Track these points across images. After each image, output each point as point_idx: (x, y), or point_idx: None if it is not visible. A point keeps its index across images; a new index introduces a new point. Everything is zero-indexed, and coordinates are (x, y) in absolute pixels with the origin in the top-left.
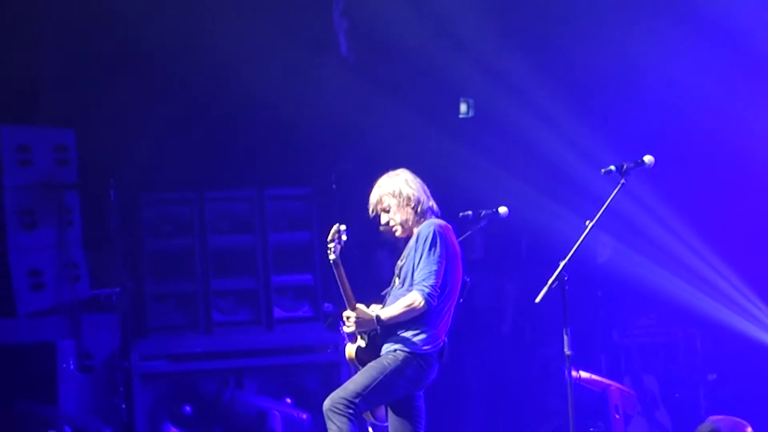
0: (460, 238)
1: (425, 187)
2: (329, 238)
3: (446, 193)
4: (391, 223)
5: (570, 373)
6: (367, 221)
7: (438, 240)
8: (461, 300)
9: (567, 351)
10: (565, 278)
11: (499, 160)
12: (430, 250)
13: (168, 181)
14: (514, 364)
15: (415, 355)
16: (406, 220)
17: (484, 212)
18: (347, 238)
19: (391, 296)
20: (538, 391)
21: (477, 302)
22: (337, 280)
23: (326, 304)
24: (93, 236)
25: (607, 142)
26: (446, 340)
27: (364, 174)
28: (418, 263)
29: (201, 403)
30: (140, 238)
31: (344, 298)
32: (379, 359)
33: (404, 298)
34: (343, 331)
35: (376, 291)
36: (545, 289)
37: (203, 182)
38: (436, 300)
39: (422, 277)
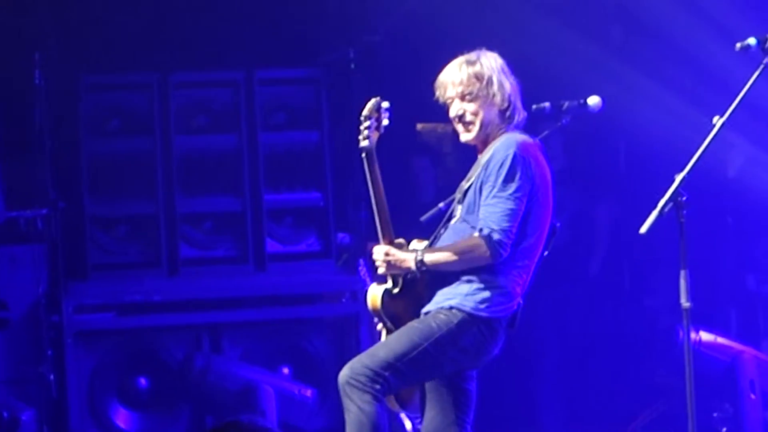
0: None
1: (519, 89)
2: (365, 113)
3: (517, 75)
4: (468, 118)
5: (687, 334)
6: (401, 116)
7: (519, 168)
8: (546, 252)
9: (684, 303)
10: (683, 199)
11: (589, 30)
12: (506, 181)
13: (118, 58)
14: (606, 321)
15: (476, 319)
16: (491, 122)
17: (566, 104)
18: (388, 123)
19: (449, 230)
20: (640, 360)
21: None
22: (369, 183)
23: (340, 235)
24: (9, 136)
25: (745, 6)
26: (522, 302)
27: (398, 50)
28: (488, 195)
29: (162, 373)
30: (77, 139)
31: (375, 215)
32: (424, 318)
33: (463, 241)
34: (365, 273)
35: (413, 216)
36: (654, 214)
37: (167, 60)
38: (508, 249)
39: (492, 218)
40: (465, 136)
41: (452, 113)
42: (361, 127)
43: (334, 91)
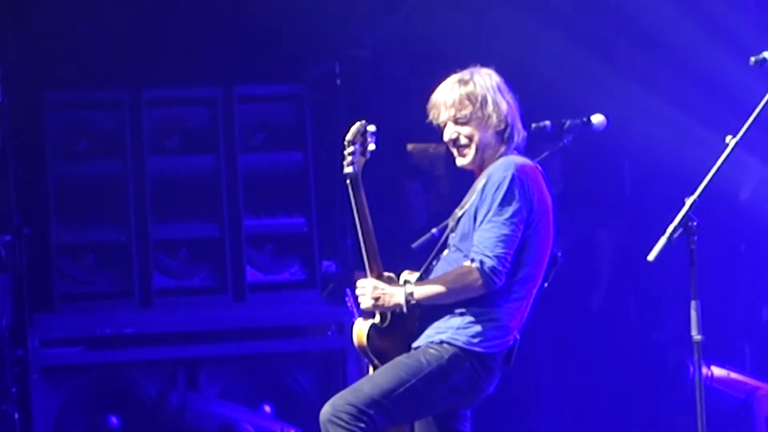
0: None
1: (518, 107)
2: (348, 138)
3: (515, 92)
4: (463, 142)
5: (699, 369)
6: (390, 136)
7: (517, 191)
8: (546, 284)
9: (695, 336)
10: (693, 224)
11: (593, 44)
12: (502, 204)
13: (85, 73)
14: (610, 357)
15: (469, 354)
16: (487, 145)
17: (568, 122)
18: (374, 147)
19: (441, 261)
20: (647, 398)
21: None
22: (354, 212)
23: (326, 263)
24: None
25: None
26: (518, 337)
27: (387, 65)
28: (483, 220)
29: (134, 412)
30: (43, 161)
31: (362, 247)
32: (413, 353)
33: (454, 271)
34: (353, 305)
35: (403, 244)
36: (663, 240)
37: (138, 75)
38: (503, 278)
39: (486, 243)
40: (460, 161)
41: (446, 137)
42: (345, 153)
43: (318, 109)
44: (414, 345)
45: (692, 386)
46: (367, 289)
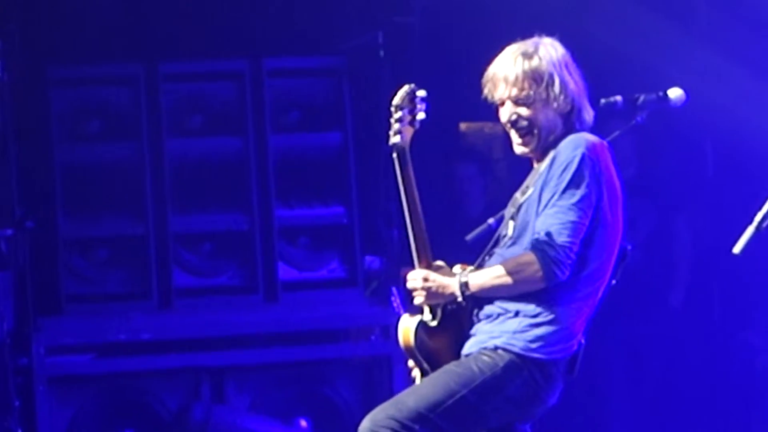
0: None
1: (585, 84)
2: (396, 102)
3: (580, 64)
4: (522, 124)
5: None
6: (441, 114)
7: (587, 172)
8: (615, 280)
9: None
10: None
11: (669, 7)
12: (570, 186)
13: (95, 46)
14: (692, 362)
15: (527, 362)
16: (550, 130)
17: (642, 97)
18: (424, 116)
19: (495, 257)
20: (735, 410)
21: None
22: (401, 191)
23: (368, 258)
24: None
25: None
26: (583, 341)
27: (435, 33)
28: (547, 204)
29: (152, 427)
30: (48, 145)
31: (410, 232)
32: (464, 361)
33: (513, 259)
34: (399, 305)
35: (457, 235)
36: (750, 230)
37: (155, 47)
38: (566, 270)
39: (549, 230)
40: (519, 149)
41: (503, 118)
42: (392, 120)
43: (359, 84)
44: (464, 351)
45: None
46: (418, 281)
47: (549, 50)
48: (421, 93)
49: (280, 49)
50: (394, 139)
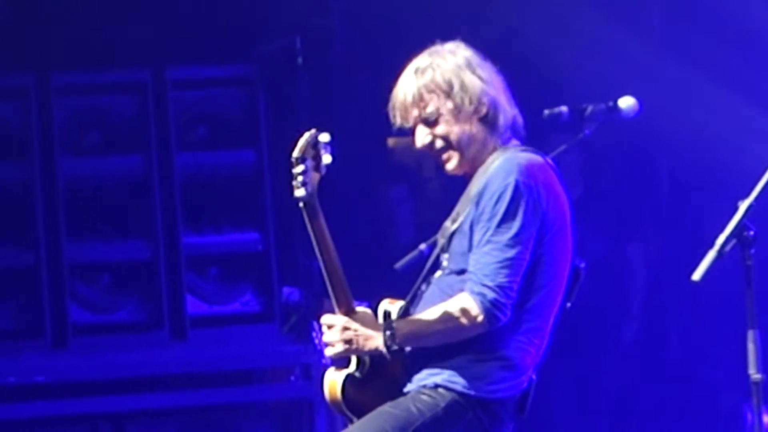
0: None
1: (500, 76)
2: (296, 154)
3: (523, 70)
4: (438, 145)
5: (759, 416)
6: (367, 130)
7: (523, 201)
8: (569, 303)
9: (754, 374)
10: (750, 234)
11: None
12: (504, 221)
13: None
14: (648, 400)
15: (471, 401)
16: (471, 139)
17: (590, 108)
18: (330, 160)
19: (432, 286)
20: None
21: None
22: (313, 241)
23: (287, 289)
24: None
25: None
26: (534, 377)
27: (359, 37)
28: (481, 240)
29: None
30: None
31: (327, 281)
32: (401, 401)
33: (448, 304)
34: (321, 343)
35: (386, 263)
36: (711, 255)
37: (48, 56)
38: (507, 312)
39: (485, 270)
40: (448, 167)
41: (418, 143)
42: (295, 172)
43: (274, 95)
44: (405, 390)
45: None
46: (336, 329)
47: (445, 57)
48: (324, 138)
49: (186, 57)
50: (298, 193)
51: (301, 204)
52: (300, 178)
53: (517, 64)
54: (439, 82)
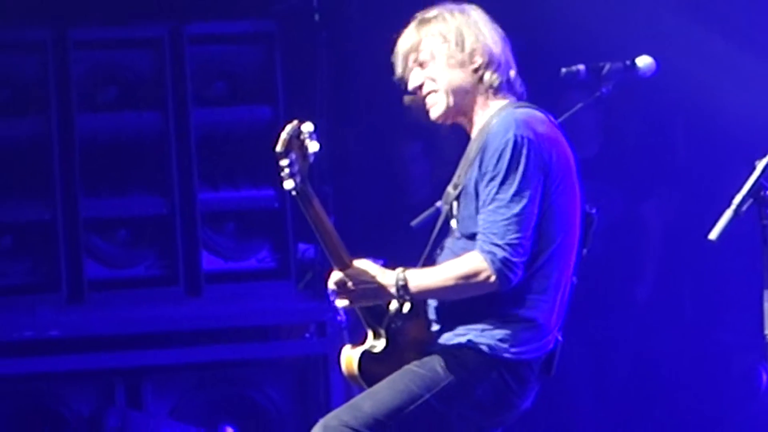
0: (562, 118)
1: (507, 43)
2: (279, 148)
3: (540, 31)
4: (428, 87)
5: None
6: (382, 87)
7: (524, 155)
8: (586, 249)
9: None
10: (767, 194)
11: None
12: (507, 177)
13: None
14: (662, 361)
15: (496, 362)
16: (457, 89)
17: (607, 66)
18: (318, 147)
19: (446, 251)
20: (710, 412)
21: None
22: (311, 224)
23: (302, 246)
24: None
25: None
26: (560, 338)
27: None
28: (486, 200)
29: None
30: None
31: (326, 252)
32: (426, 361)
33: (459, 262)
34: (338, 304)
35: (402, 221)
36: (728, 215)
37: (65, 11)
38: (519, 271)
39: (493, 229)
40: (432, 113)
41: (410, 86)
42: (282, 164)
43: (291, 52)
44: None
45: (765, 397)
46: (341, 283)
47: (452, 12)
48: (307, 127)
49: (203, 12)
50: (288, 185)
51: (293, 193)
52: (287, 171)
53: (535, 22)
54: (440, 29)
